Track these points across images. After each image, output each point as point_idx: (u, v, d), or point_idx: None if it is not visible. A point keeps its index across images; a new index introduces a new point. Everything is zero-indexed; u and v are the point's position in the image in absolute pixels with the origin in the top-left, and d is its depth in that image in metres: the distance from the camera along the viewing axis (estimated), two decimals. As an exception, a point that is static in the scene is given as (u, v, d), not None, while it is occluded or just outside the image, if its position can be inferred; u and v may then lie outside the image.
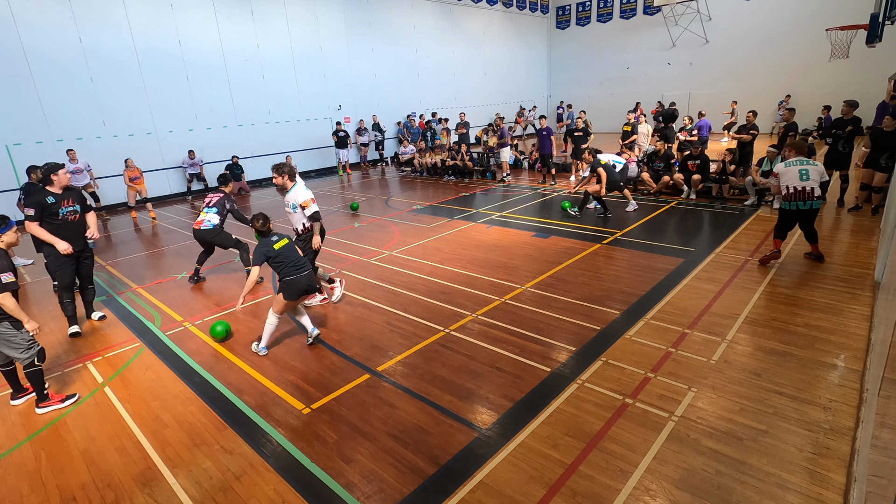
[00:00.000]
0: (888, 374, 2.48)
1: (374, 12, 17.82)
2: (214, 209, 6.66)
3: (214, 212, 6.65)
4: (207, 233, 6.59)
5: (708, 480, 2.87)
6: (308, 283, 4.58)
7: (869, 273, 5.70)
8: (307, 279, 4.56)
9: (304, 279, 4.53)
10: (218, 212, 6.65)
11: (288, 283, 4.49)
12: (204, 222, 6.60)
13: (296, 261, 4.56)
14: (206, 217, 6.62)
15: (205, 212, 6.66)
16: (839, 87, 16.69)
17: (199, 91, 13.69)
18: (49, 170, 5.13)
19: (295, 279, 4.50)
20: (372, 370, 4.32)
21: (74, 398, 4.12)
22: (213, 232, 6.60)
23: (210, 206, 6.67)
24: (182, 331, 5.39)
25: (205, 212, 6.66)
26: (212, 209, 6.66)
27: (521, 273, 6.43)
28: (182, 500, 3.01)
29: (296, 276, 4.51)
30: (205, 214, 6.64)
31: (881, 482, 2.01)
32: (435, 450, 3.28)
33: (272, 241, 4.56)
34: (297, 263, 4.56)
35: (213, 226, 6.60)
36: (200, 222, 6.62)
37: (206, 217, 6.62)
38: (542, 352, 4.45)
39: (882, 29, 9.77)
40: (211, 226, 6.59)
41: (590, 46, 25.04)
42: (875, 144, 7.78)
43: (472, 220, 9.33)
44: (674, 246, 7.12)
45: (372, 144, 18.19)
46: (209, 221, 6.60)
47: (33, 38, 10.84)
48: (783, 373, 3.88)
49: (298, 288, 4.52)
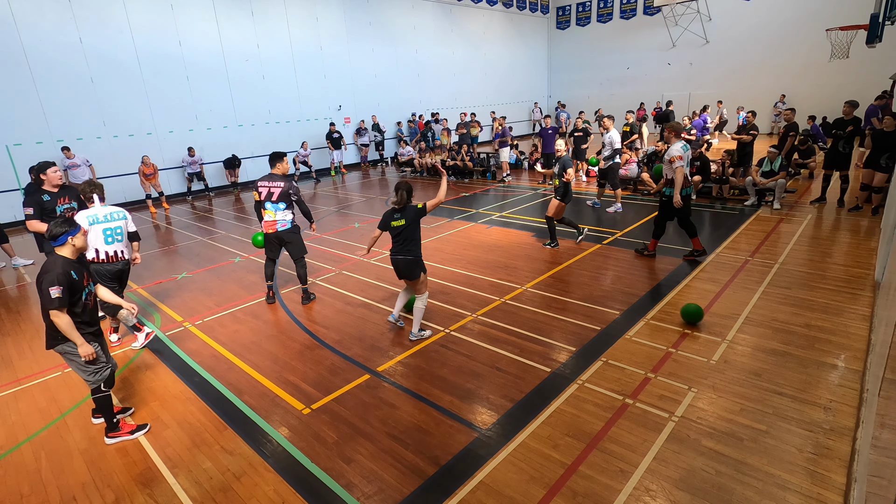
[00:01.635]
0: (888, 375, 2.48)
1: (374, 13, 17.82)
2: (282, 204, 5.50)
3: (283, 207, 5.51)
4: (286, 234, 5.56)
5: (708, 481, 2.87)
6: (402, 266, 4.70)
7: (869, 273, 5.70)
8: (401, 263, 4.68)
9: (399, 262, 4.69)
10: (287, 206, 5.54)
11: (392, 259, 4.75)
12: (279, 222, 5.53)
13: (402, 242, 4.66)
14: (278, 216, 5.51)
15: (271, 209, 5.51)
16: (839, 87, 16.69)
17: (199, 91, 13.69)
18: (39, 169, 5.20)
19: (392, 259, 4.74)
20: (372, 370, 4.32)
21: (146, 429, 3.70)
22: (293, 231, 5.60)
23: (274, 200, 5.49)
24: (182, 331, 5.39)
25: (271, 209, 5.51)
26: (278, 204, 5.49)
27: (522, 273, 6.43)
28: (182, 500, 3.01)
29: (393, 256, 4.73)
30: (273, 214, 5.51)
31: (881, 482, 2.00)
32: (435, 450, 3.28)
33: (395, 216, 4.64)
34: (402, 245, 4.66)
35: (292, 224, 5.58)
36: (273, 223, 5.53)
37: (278, 216, 5.51)
38: (542, 352, 4.45)
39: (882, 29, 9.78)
40: (289, 224, 5.56)
41: (590, 47, 25.04)
42: (875, 145, 7.78)
43: (473, 221, 9.33)
44: (674, 246, 7.12)
45: (372, 145, 18.20)
46: (285, 220, 5.53)
47: (34, 38, 10.84)
48: (783, 373, 3.88)
49: (396, 267, 4.76)
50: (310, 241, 8.58)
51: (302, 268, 5.79)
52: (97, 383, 3.48)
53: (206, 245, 8.83)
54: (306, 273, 5.87)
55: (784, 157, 9.75)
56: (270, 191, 5.50)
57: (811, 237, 7.19)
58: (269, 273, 5.89)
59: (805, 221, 7.95)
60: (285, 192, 5.48)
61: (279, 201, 5.48)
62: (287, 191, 5.48)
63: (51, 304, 3.11)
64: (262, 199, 5.54)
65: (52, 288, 3.10)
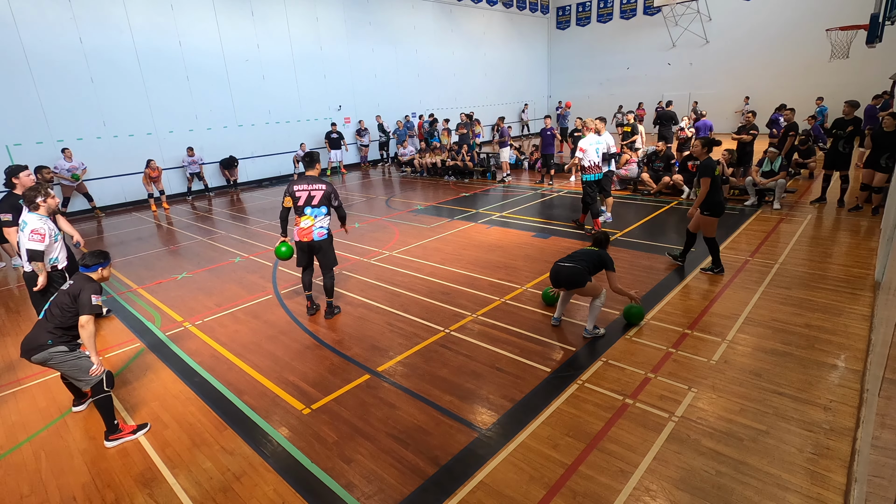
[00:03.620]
0: (888, 375, 2.48)
1: (374, 13, 17.82)
2: (323, 209, 5.02)
3: (324, 213, 5.03)
4: (323, 243, 5.09)
5: (708, 481, 2.87)
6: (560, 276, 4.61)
7: (869, 273, 5.70)
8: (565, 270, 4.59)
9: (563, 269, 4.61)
10: (327, 212, 5.07)
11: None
12: (315, 229, 5.02)
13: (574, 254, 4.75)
14: (316, 222, 5.00)
15: (310, 214, 4.99)
16: (839, 87, 16.68)
17: (199, 91, 13.69)
18: (10, 173, 5.14)
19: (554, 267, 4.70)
20: (372, 370, 4.32)
21: (146, 428, 3.71)
22: (329, 240, 5.14)
23: (316, 205, 5.00)
24: (182, 331, 5.39)
25: (310, 214, 4.99)
26: (320, 209, 5.01)
27: (522, 273, 6.43)
28: (182, 500, 3.01)
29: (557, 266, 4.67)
30: (311, 219, 4.98)
31: (881, 482, 2.00)
32: (435, 450, 3.28)
33: None
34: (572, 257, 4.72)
35: (328, 232, 5.11)
36: (309, 230, 5.01)
37: (316, 222, 5.00)
38: (542, 352, 4.45)
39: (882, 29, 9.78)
40: (326, 234, 5.09)
41: (590, 47, 25.04)
42: (875, 145, 7.78)
43: (473, 221, 9.33)
44: (674, 246, 7.12)
45: (374, 144, 18.21)
46: (322, 227, 5.04)
47: (34, 38, 10.83)
48: (783, 373, 3.88)
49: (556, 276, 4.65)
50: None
51: (330, 279, 5.33)
52: (92, 383, 3.50)
53: (206, 245, 8.83)
54: (333, 285, 5.38)
55: (784, 157, 9.76)
56: (311, 194, 4.96)
57: (811, 237, 7.19)
58: (307, 282, 5.45)
59: (805, 221, 7.95)
60: (328, 195, 5.00)
61: (321, 205, 5.00)
62: (329, 194, 5.01)
63: (92, 309, 3.44)
64: (301, 204, 4.99)
65: (94, 295, 3.47)
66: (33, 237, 4.31)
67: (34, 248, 4.34)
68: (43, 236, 4.34)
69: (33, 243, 4.32)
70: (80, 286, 3.49)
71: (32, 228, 4.32)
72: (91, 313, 3.44)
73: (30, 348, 3.39)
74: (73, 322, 3.46)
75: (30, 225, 4.33)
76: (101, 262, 3.67)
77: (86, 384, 3.51)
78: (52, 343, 3.39)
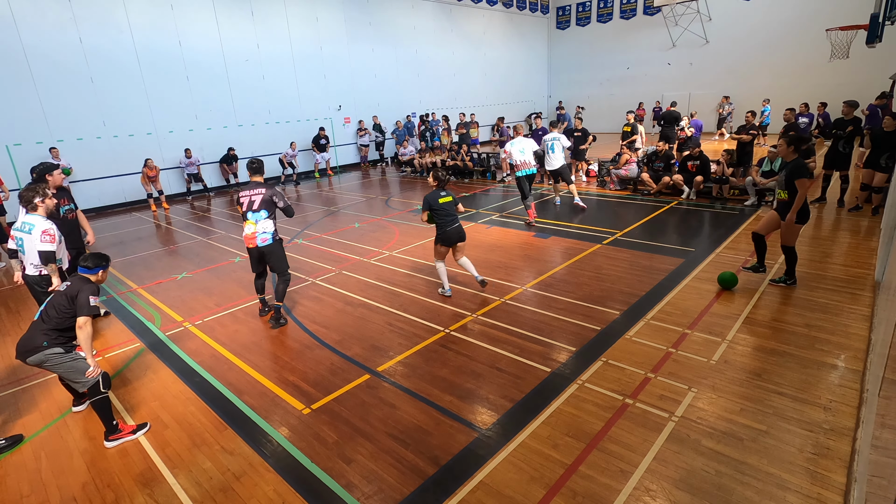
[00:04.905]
0: (888, 375, 2.48)
1: (374, 13, 17.82)
2: (264, 212, 4.98)
3: (265, 216, 4.99)
4: (267, 248, 5.04)
5: (708, 481, 2.87)
6: (458, 233, 5.65)
7: (869, 273, 5.70)
8: (457, 230, 5.64)
9: (455, 230, 5.61)
10: (269, 214, 5.01)
11: (443, 233, 5.59)
12: (258, 234, 4.97)
13: (452, 214, 5.61)
14: (258, 227, 4.97)
15: (252, 219, 4.98)
16: (839, 87, 16.68)
17: (199, 91, 13.69)
18: (44, 170, 5.13)
19: (447, 230, 5.58)
20: (372, 370, 4.32)
21: (146, 428, 3.71)
22: (275, 245, 5.07)
23: (256, 209, 4.98)
24: (182, 331, 5.39)
25: (252, 219, 4.98)
26: (259, 213, 4.98)
27: (521, 273, 6.43)
28: (182, 500, 3.01)
29: (449, 227, 5.58)
30: (253, 224, 4.97)
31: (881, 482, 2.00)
32: (435, 450, 3.28)
33: (440, 194, 5.56)
34: (452, 216, 5.61)
35: (273, 236, 5.03)
36: (253, 236, 4.97)
37: (258, 227, 4.97)
38: (542, 352, 4.45)
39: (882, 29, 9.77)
40: (270, 238, 5.01)
41: (590, 47, 25.03)
42: (875, 145, 7.78)
43: (473, 221, 9.33)
44: (674, 246, 7.12)
45: (372, 145, 18.21)
46: (265, 232, 4.98)
47: (34, 38, 10.84)
48: (783, 373, 3.88)
49: (450, 237, 5.60)
50: (309, 240, 8.59)
51: (283, 283, 5.22)
52: (89, 384, 3.49)
53: (205, 245, 8.83)
54: (285, 290, 5.29)
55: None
56: (251, 199, 4.99)
57: (811, 237, 7.19)
58: (260, 287, 5.49)
59: (805, 221, 7.94)
60: (268, 198, 5.00)
61: (261, 209, 4.98)
62: (270, 197, 5.00)
63: (90, 310, 3.43)
64: (244, 210, 5.02)
65: (93, 297, 3.46)
66: (45, 238, 4.25)
67: (48, 249, 4.27)
68: (53, 237, 4.30)
69: (46, 245, 4.26)
70: (78, 287, 3.48)
71: (43, 229, 4.25)
72: (89, 314, 3.44)
73: (25, 350, 3.37)
74: (70, 324, 3.44)
75: (38, 226, 4.24)
76: (103, 264, 3.67)
77: (82, 386, 3.50)
78: (47, 345, 3.38)
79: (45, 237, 4.25)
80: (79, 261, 3.62)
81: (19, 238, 4.36)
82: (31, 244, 4.28)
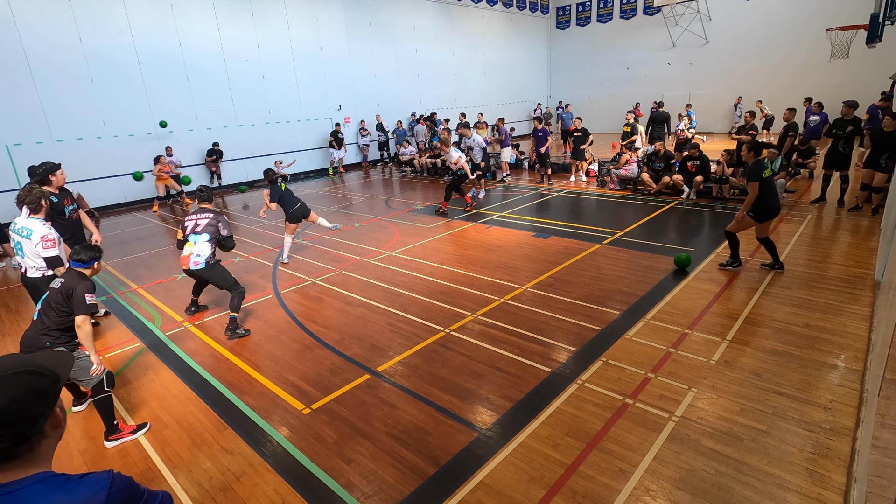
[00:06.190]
0: (888, 375, 2.48)
1: (374, 13, 17.82)
2: (205, 235, 5.11)
3: (206, 239, 5.11)
4: (202, 272, 5.15)
5: (708, 481, 2.87)
6: (301, 211, 7.19)
7: (869, 273, 5.70)
8: (301, 208, 7.19)
9: (299, 209, 7.18)
10: (210, 239, 5.13)
11: (293, 213, 7.13)
12: (192, 257, 5.06)
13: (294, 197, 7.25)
14: (194, 249, 5.07)
15: (191, 241, 5.12)
16: (839, 87, 16.67)
17: (199, 91, 13.68)
18: (48, 170, 5.13)
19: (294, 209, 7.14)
20: (372, 370, 4.32)
21: (146, 428, 3.72)
22: (208, 268, 5.15)
23: (198, 232, 5.13)
24: (182, 331, 5.39)
25: (191, 241, 5.12)
26: (201, 235, 5.12)
27: (522, 273, 6.43)
28: (182, 500, 3.01)
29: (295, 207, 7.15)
30: (191, 245, 5.09)
31: (881, 482, 2.01)
32: (435, 450, 3.28)
33: (279, 186, 7.13)
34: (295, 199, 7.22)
35: (206, 261, 5.10)
36: (188, 257, 5.08)
37: (194, 249, 5.07)
38: (543, 352, 4.45)
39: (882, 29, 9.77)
40: (203, 263, 5.08)
41: (590, 47, 25.02)
42: (875, 145, 7.78)
43: (473, 221, 9.33)
44: (674, 246, 7.12)
45: (374, 144, 18.21)
46: (198, 255, 5.07)
47: (34, 38, 10.83)
48: (783, 373, 3.88)
49: (296, 215, 7.15)
50: (310, 240, 8.60)
51: (237, 296, 5.20)
52: (93, 383, 3.48)
53: (206, 245, 8.81)
54: (239, 303, 5.22)
55: (784, 157, 9.76)
56: (197, 223, 5.15)
57: (811, 237, 7.19)
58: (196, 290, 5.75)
59: (805, 221, 7.95)
60: (212, 223, 5.13)
61: (202, 232, 5.11)
62: (216, 223, 5.14)
63: (88, 309, 3.38)
64: (187, 233, 5.15)
65: (88, 294, 3.40)
66: (47, 244, 4.25)
67: (52, 254, 4.29)
68: (54, 241, 4.29)
69: (49, 251, 4.26)
70: (72, 284, 3.41)
71: (42, 235, 4.22)
72: (87, 313, 3.40)
73: (29, 350, 3.35)
74: (69, 323, 3.41)
75: (37, 232, 4.22)
76: (96, 255, 3.61)
77: (86, 384, 3.49)
78: (50, 345, 3.35)
79: (46, 244, 4.26)
80: (71, 255, 3.57)
81: (17, 241, 4.36)
82: (31, 249, 4.30)
